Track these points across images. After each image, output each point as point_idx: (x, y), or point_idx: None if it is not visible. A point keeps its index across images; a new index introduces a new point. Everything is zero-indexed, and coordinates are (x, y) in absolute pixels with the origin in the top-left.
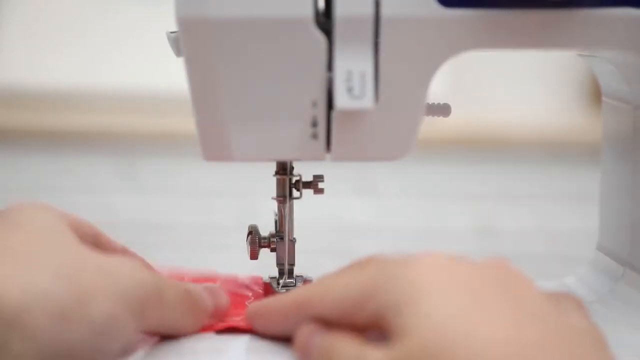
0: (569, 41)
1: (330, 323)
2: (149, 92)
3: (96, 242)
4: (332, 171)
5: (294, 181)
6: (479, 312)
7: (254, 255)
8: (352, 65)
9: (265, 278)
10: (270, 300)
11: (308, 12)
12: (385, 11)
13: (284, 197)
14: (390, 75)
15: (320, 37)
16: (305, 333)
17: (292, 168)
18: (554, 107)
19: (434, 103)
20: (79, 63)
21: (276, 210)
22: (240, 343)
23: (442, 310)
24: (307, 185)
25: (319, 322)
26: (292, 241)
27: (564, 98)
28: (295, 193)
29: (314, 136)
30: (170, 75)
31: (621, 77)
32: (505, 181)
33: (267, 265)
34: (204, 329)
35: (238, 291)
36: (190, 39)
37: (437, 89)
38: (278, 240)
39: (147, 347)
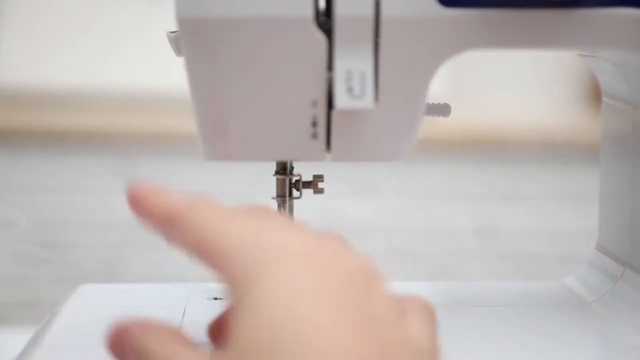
0: (569, 41)
1: None
2: (149, 92)
3: None
4: (332, 171)
5: (293, 181)
6: (320, 318)
7: None
8: (352, 65)
9: None
10: (156, 194)
11: (308, 12)
12: (385, 11)
13: (284, 197)
14: (390, 75)
15: (320, 37)
16: (119, 332)
17: (292, 168)
18: (554, 107)
19: (434, 103)
20: (79, 63)
21: (276, 210)
22: None
23: (281, 311)
24: (307, 185)
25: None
26: None
27: (564, 98)
28: (295, 193)
29: (314, 136)
30: (170, 75)
31: (621, 77)
32: (505, 181)
33: None
34: None
35: None
36: (190, 39)
37: (437, 89)
38: None
39: None
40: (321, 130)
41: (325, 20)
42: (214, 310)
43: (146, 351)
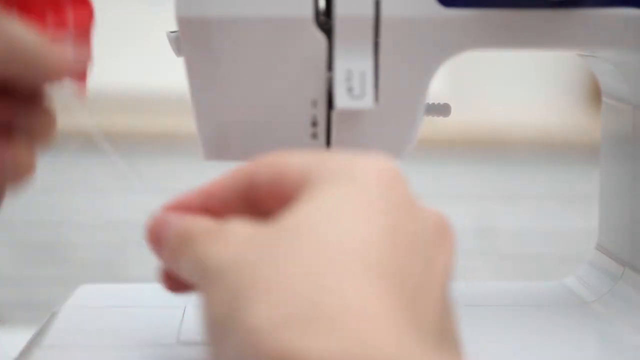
0: (569, 41)
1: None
2: (149, 92)
3: None
4: None
5: None
6: (375, 241)
7: None
8: (352, 65)
9: None
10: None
11: (308, 12)
12: (385, 11)
13: None
14: (390, 75)
15: (320, 37)
16: (156, 224)
17: None
18: (554, 107)
19: (434, 103)
20: None
21: None
22: None
23: (332, 214)
24: None
25: (179, 208)
26: None
27: (564, 98)
28: None
29: (314, 136)
30: (170, 75)
31: (621, 77)
32: (505, 181)
33: None
34: None
35: None
36: (190, 39)
37: (437, 89)
38: None
39: None
40: (321, 130)
41: (325, 20)
42: None
43: (187, 230)
